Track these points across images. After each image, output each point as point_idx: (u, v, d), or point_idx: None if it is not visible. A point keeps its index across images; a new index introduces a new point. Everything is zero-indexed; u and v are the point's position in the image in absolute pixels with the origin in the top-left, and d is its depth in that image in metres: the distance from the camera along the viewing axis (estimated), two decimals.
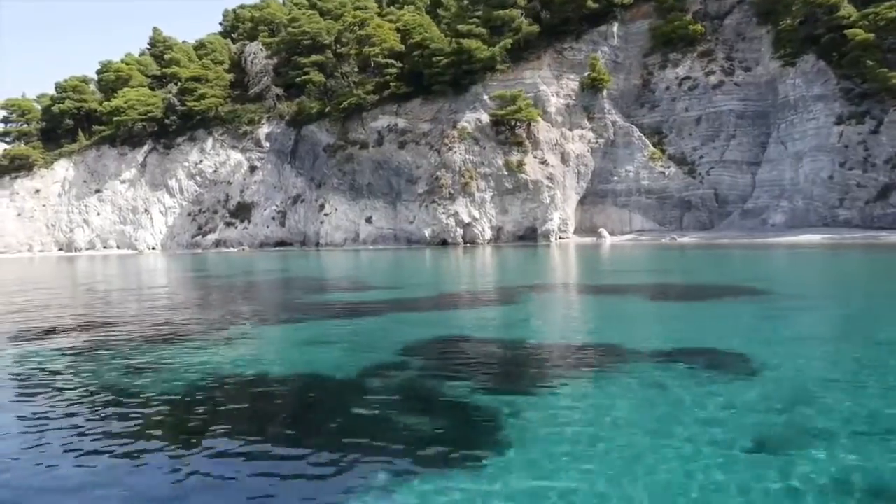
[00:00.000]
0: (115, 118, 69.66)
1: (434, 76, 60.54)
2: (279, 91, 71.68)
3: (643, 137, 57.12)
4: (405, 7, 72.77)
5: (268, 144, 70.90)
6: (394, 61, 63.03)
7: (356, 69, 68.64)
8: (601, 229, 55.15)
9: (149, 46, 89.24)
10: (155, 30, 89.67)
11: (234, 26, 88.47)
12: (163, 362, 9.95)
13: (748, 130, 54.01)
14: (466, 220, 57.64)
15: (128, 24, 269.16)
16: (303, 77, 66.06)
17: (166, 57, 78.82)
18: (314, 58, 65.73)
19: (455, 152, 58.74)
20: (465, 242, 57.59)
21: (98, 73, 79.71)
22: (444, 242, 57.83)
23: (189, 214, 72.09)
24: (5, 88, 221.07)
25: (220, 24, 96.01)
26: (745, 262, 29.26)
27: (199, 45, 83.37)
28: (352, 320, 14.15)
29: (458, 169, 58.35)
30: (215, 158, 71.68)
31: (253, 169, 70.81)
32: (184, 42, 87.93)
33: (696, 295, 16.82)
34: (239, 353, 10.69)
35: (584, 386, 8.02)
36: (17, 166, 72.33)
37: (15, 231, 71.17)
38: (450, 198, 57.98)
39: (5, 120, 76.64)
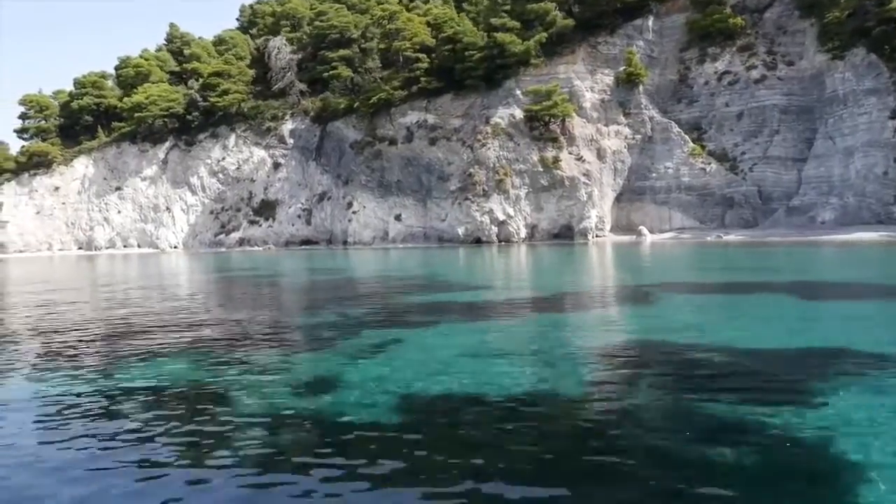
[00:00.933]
0: (136, 114, 68.29)
1: (466, 71, 59.20)
2: (303, 87, 70.38)
3: (682, 133, 55.76)
4: (430, 0, 71.45)
5: (291, 141, 69.60)
6: (424, 55, 61.64)
7: (380, 64, 67.46)
8: (641, 227, 53.77)
9: (165, 42, 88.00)
10: (172, 25, 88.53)
11: (252, 22, 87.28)
12: (333, 380, 8.51)
13: (792, 126, 52.63)
14: (501, 217, 56.28)
15: (137, 21, 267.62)
16: (330, 72, 64.67)
17: (186, 52, 77.56)
18: (342, 52, 64.39)
19: (489, 149, 57.37)
20: (499, 241, 56.24)
21: (116, 68, 78.39)
22: (477, 241, 56.45)
23: (212, 212, 70.75)
24: (6, 87, 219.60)
25: (237, 19, 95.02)
26: (838, 259, 27.90)
27: (219, 41, 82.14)
28: (490, 323, 12.77)
29: (492, 165, 56.99)
30: (238, 155, 70.34)
31: (277, 166, 69.48)
32: (200, 38, 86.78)
33: (854, 294, 15.48)
34: (409, 366, 9.31)
35: (864, 395, 6.69)
36: (36, 164, 70.97)
37: (34, 229, 69.81)
38: (484, 195, 56.62)
39: (23, 116, 75.25)
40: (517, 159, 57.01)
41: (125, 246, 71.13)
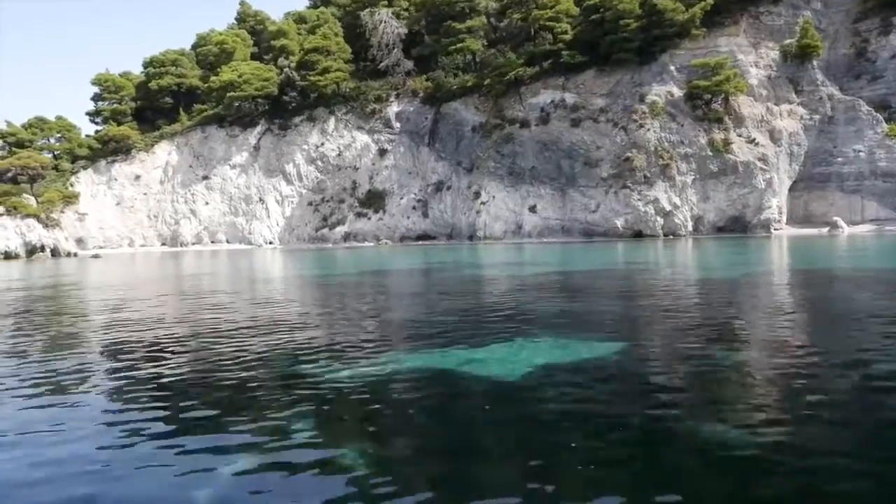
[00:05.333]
0: (228, 94, 61.34)
1: (617, 43, 52.55)
2: (410, 65, 63.62)
3: (873, 112, 49.23)
4: None
5: (398, 125, 62.84)
6: (566, 26, 54.97)
7: (485, 42, 60.74)
8: (836, 219, 47.14)
9: (237, 22, 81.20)
10: (243, 3, 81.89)
11: (327, 0, 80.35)
12: None
13: None
14: (667, 207, 49.70)
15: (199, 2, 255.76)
16: (457, 45, 57.84)
17: (271, 29, 70.63)
18: (470, 23, 57.55)
19: (648, 130, 50.80)
20: (664, 234, 49.65)
21: (194, 46, 71.54)
22: (638, 234, 49.84)
23: (310, 204, 63.89)
24: (59, 70, 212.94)
25: None
26: None
27: (299, 18, 75.31)
28: None
29: (653, 149, 50.43)
30: (339, 141, 63.53)
31: (383, 152, 62.70)
32: (278, 17, 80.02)
33: None
34: None
35: None
36: (113, 150, 64.02)
37: (115, 223, 62.86)
38: (645, 182, 50.06)
39: (96, 98, 68.29)
40: (682, 142, 50.48)
41: (213, 242, 64.26)
